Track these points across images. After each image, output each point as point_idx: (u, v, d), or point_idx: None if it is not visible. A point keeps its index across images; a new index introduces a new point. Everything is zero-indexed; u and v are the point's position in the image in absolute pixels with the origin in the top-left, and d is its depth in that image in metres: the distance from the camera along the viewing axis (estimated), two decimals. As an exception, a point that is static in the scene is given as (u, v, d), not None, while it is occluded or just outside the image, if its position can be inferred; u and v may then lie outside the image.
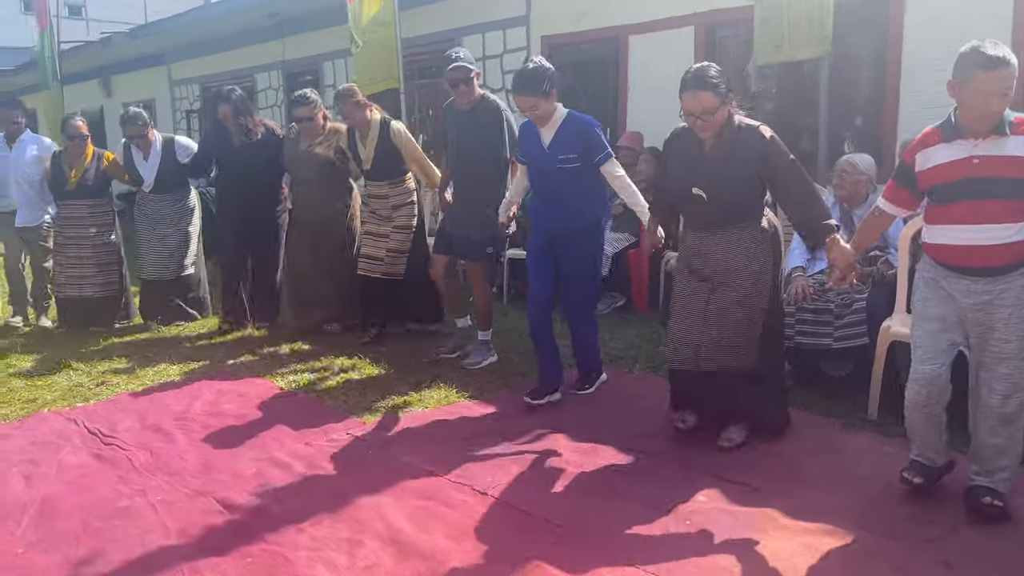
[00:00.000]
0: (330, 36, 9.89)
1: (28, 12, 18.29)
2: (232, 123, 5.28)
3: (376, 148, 4.90)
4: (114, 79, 14.42)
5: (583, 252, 3.87)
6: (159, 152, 5.64)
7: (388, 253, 4.98)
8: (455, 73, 4.22)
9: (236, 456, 3.46)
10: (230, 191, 5.53)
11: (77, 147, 5.59)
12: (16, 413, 4.09)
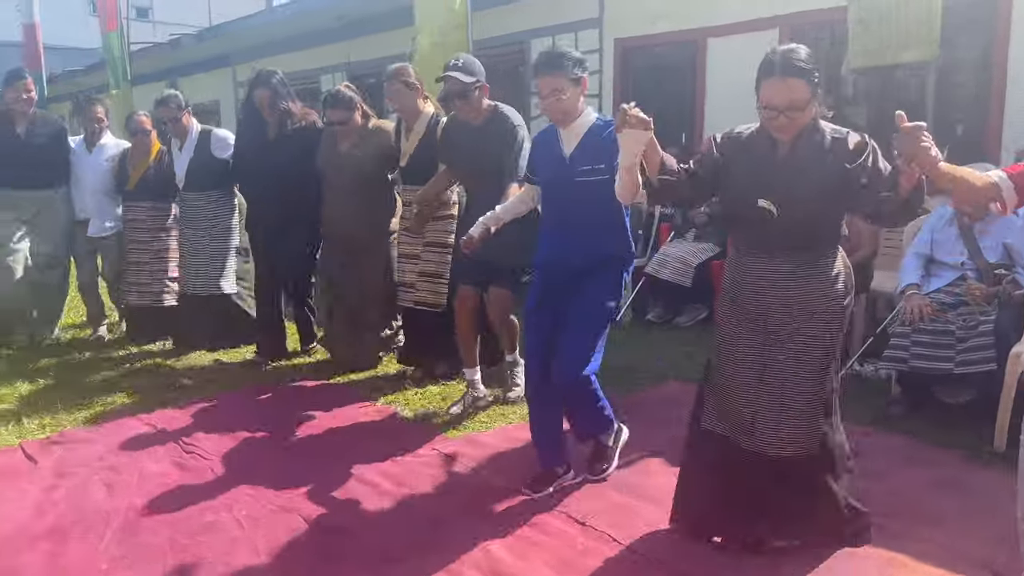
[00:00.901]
0: (397, 38, 9.82)
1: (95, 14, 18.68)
2: (269, 111, 4.58)
3: (419, 144, 4.16)
4: (181, 80, 14.59)
5: (594, 293, 3.02)
6: (194, 143, 5.01)
7: (421, 278, 4.24)
8: (448, 85, 3.72)
9: (319, 470, 3.33)
10: (261, 194, 4.78)
11: (141, 144, 5.20)
12: (95, 417, 4.03)
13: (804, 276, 2.44)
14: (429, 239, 4.22)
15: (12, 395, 4.34)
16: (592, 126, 3.03)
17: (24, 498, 3.15)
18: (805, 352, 2.43)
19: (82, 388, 4.50)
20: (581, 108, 3.03)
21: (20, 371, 4.78)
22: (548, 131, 3.15)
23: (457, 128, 3.87)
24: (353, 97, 4.34)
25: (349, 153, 4.40)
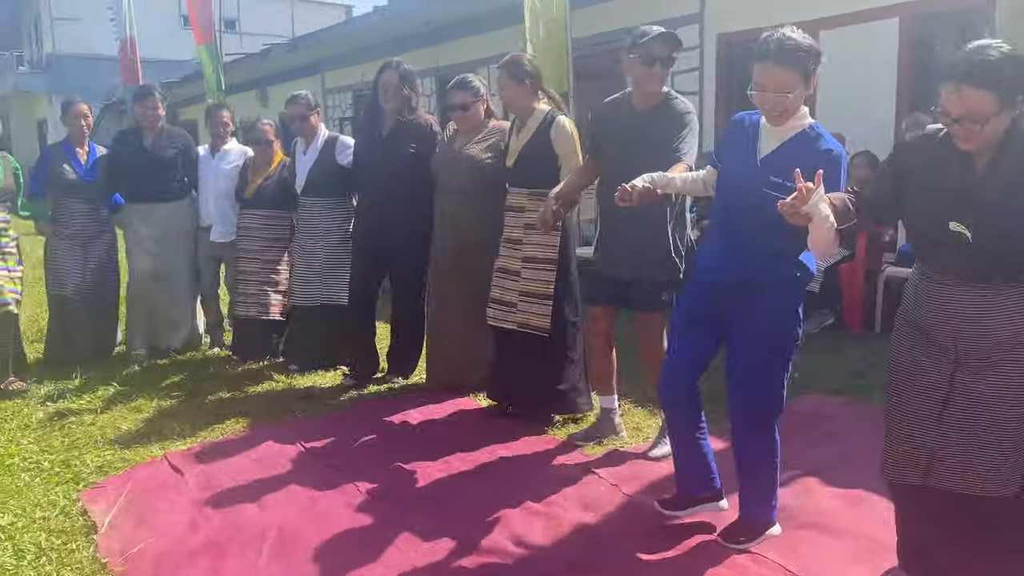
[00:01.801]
0: (485, 42, 9.84)
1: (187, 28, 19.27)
2: (392, 96, 4.39)
3: (528, 144, 3.79)
4: (270, 89, 14.94)
5: (768, 312, 2.62)
6: (319, 149, 4.88)
7: (523, 298, 3.83)
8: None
9: (467, 489, 3.26)
10: (366, 198, 4.63)
11: (263, 153, 5.19)
12: (231, 427, 4.08)
13: (1008, 306, 2.12)
14: (530, 253, 3.82)
15: (149, 405, 4.43)
16: (800, 132, 2.54)
17: (175, 510, 3.18)
18: (1009, 385, 2.13)
19: (214, 399, 4.56)
20: (804, 110, 2.56)
21: (152, 381, 4.88)
22: (745, 120, 2.68)
23: (614, 115, 3.42)
24: (481, 87, 4.17)
25: (463, 151, 4.18)
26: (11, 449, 3.83)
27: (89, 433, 4.02)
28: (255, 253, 5.20)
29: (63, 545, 2.91)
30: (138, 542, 2.91)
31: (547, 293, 3.78)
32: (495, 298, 3.97)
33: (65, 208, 5.29)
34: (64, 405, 4.46)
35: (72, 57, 22.08)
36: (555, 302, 3.79)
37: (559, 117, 3.79)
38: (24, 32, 27.08)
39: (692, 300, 2.82)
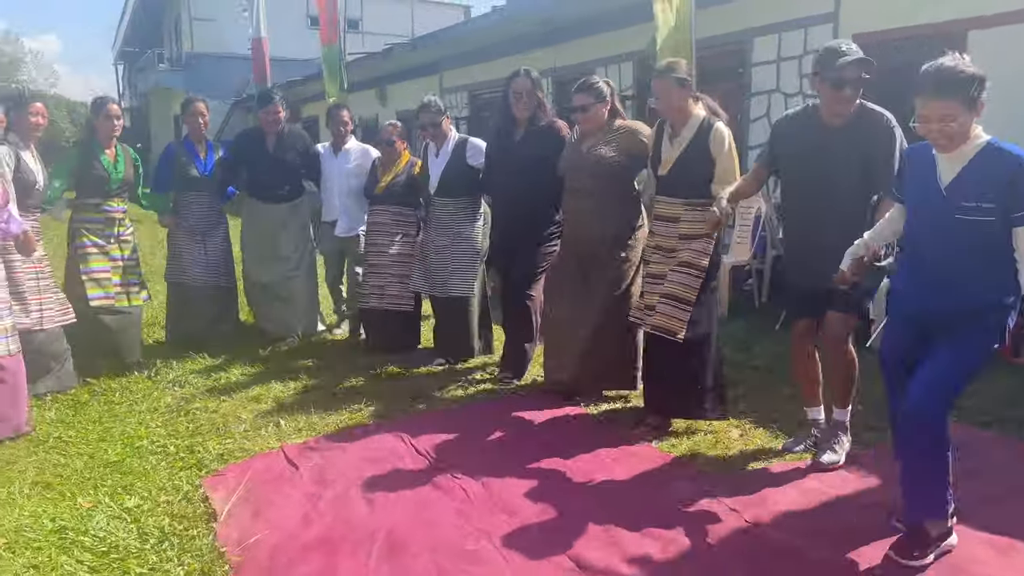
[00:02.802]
0: (604, 42, 9.70)
1: (313, 27, 19.94)
2: (525, 101, 4.47)
3: (685, 151, 3.72)
4: (389, 88, 15.27)
5: (968, 337, 2.57)
6: (450, 151, 5.06)
7: (662, 299, 3.75)
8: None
9: (573, 500, 3.18)
10: (497, 200, 4.83)
11: (390, 153, 5.42)
12: (344, 422, 4.13)
13: None
14: (683, 259, 3.76)
15: (268, 395, 4.56)
16: (979, 151, 2.51)
17: (289, 504, 3.23)
18: None
19: (329, 391, 4.65)
20: (974, 131, 2.52)
21: (272, 371, 5.03)
22: (921, 149, 2.66)
23: (799, 131, 3.37)
24: (604, 89, 4.15)
25: (590, 152, 4.16)
26: (141, 432, 4.01)
27: (212, 420, 4.17)
28: (384, 247, 5.40)
29: (184, 531, 2.99)
30: (254, 533, 2.96)
31: (688, 298, 3.73)
32: (640, 303, 4.00)
33: (185, 202, 5.64)
34: (189, 391, 4.66)
35: (207, 56, 23.29)
36: (694, 309, 3.72)
37: (717, 124, 3.72)
38: (165, 32, 28.81)
39: (892, 338, 2.85)
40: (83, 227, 4.93)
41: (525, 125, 4.55)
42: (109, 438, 3.92)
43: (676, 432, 3.88)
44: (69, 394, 4.55)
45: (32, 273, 4.39)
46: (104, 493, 3.28)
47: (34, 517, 3.04)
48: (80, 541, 2.88)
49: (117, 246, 5.04)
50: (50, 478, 3.43)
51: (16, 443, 3.82)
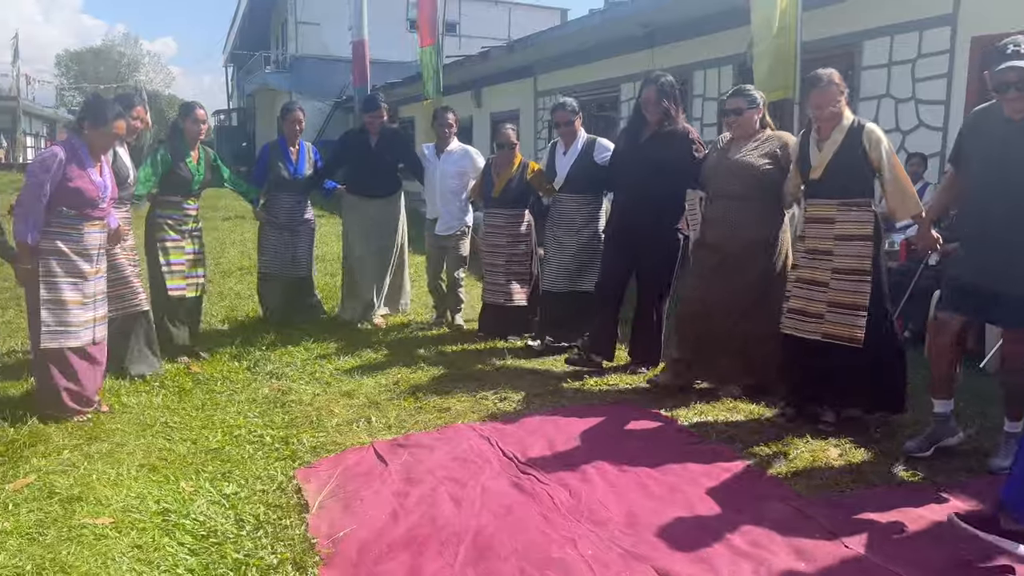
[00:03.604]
0: (703, 45, 9.52)
1: (412, 31, 20.36)
2: (653, 108, 4.68)
3: (837, 153, 3.81)
4: (484, 91, 15.41)
5: None
6: (579, 149, 5.37)
7: (831, 308, 3.86)
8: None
9: (661, 513, 3.11)
10: (621, 198, 5.04)
11: (506, 156, 5.65)
12: (433, 421, 4.18)
13: None
14: (842, 265, 3.84)
15: (360, 391, 4.65)
16: None
17: (378, 500, 3.27)
18: None
19: (419, 390, 4.71)
20: None
21: (365, 368, 5.14)
22: None
23: (983, 124, 3.38)
24: (757, 96, 4.35)
25: (737, 159, 4.33)
26: (239, 421, 4.16)
27: (306, 413, 4.28)
28: (502, 248, 5.69)
29: (278, 520, 3.08)
30: (344, 527, 3.02)
31: (862, 304, 3.80)
32: (797, 309, 4.01)
33: (276, 200, 6.02)
34: (286, 384, 4.80)
35: (310, 58, 24.07)
36: (874, 314, 3.80)
37: (868, 124, 3.83)
38: (272, 35, 29.94)
39: None
40: (164, 222, 5.19)
41: (653, 128, 4.77)
42: (211, 425, 4.08)
43: (771, 449, 3.75)
44: (175, 381, 4.76)
45: (133, 260, 4.70)
46: (205, 479, 3.41)
47: (140, 498, 3.18)
48: (181, 524, 3.00)
49: (190, 241, 5.29)
50: (156, 461, 3.59)
51: (126, 427, 4.02)
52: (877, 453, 3.66)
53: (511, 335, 5.77)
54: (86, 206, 4.02)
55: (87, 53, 58.25)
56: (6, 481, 3.31)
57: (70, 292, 4.01)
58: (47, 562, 2.68)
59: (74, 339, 4.04)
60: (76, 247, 4.03)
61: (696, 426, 4.08)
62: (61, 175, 3.90)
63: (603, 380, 4.91)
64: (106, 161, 4.23)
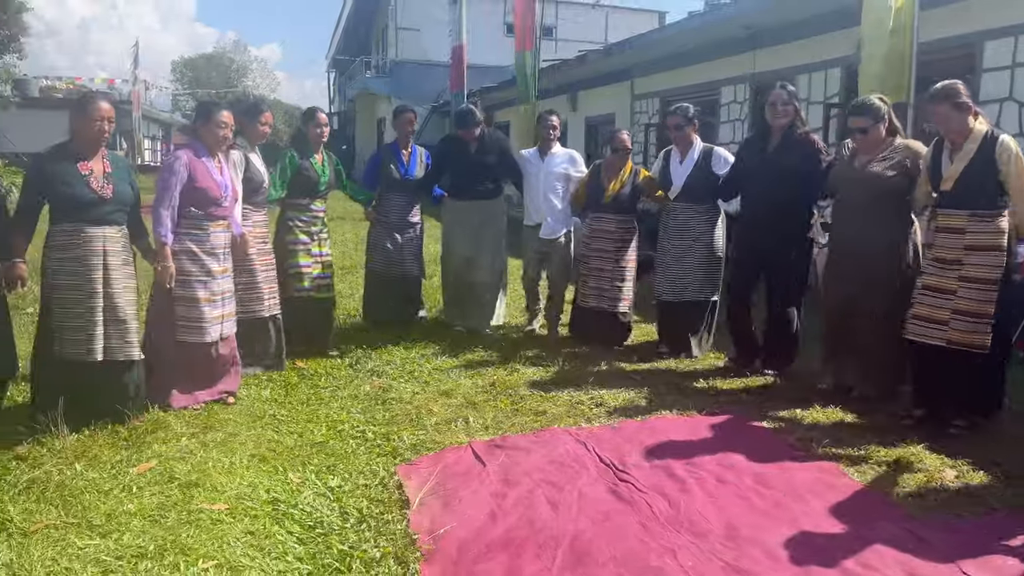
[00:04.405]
0: (808, 47, 9.22)
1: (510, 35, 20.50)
2: (780, 113, 4.76)
3: (969, 164, 3.82)
4: (580, 94, 15.39)
5: None
6: (695, 158, 5.37)
7: (956, 315, 3.87)
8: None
9: (763, 527, 3.04)
10: (751, 205, 5.02)
11: (618, 161, 5.61)
12: (529, 424, 4.20)
13: None
14: (970, 274, 3.85)
15: (457, 391, 4.73)
16: None
17: (476, 499, 3.32)
18: None
19: (516, 391, 4.75)
20: None
21: (463, 369, 5.22)
22: None
23: None
24: (881, 108, 4.30)
25: (865, 169, 4.34)
26: (343, 416, 4.29)
27: (406, 411, 4.38)
28: (610, 254, 5.68)
29: (380, 514, 3.16)
30: (443, 524, 3.07)
31: (987, 312, 3.82)
32: (921, 315, 4.02)
33: (387, 200, 6.13)
34: (386, 382, 4.92)
35: (410, 63, 24.58)
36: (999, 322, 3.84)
37: (1002, 136, 3.81)
38: (373, 40, 30.75)
39: None
40: (294, 224, 5.36)
41: (780, 135, 4.79)
42: (315, 419, 4.23)
43: (882, 467, 3.60)
44: (281, 375, 4.95)
45: (266, 264, 4.88)
46: (311, 471, 3.54)
47: (252, 487, 3.33)
48: (290, 514, 3.12)
49: (317, 243, 5.44)
50: (265, 452, 3.74)
51: (238, 417, 4.21)
52: (998, 475, 3.46)
53: (610, 342, 5.72)
54: (210, 205, 4.25)
55: (200, 59, 61.28)
56: (130, 464, 3.52)
57: (200, 290, 4.24)
58: (168, 543, 2.83)
59: (205, 335, 4.27)
60: (204, 247, 4.26)
61: (802, 439, 3.96)
62: (187, 176, 4.13)
63: (708, 385, 4.90)
64: (225, 162, 4.44)
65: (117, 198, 3.93)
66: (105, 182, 3.90)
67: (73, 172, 3.82)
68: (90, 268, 3.84)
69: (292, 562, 2.78)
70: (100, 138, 3.90)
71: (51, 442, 3.68)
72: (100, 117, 3.85)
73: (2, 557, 2.72)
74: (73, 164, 3.83)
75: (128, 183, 4.04)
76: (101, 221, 3.88)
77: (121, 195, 3.96)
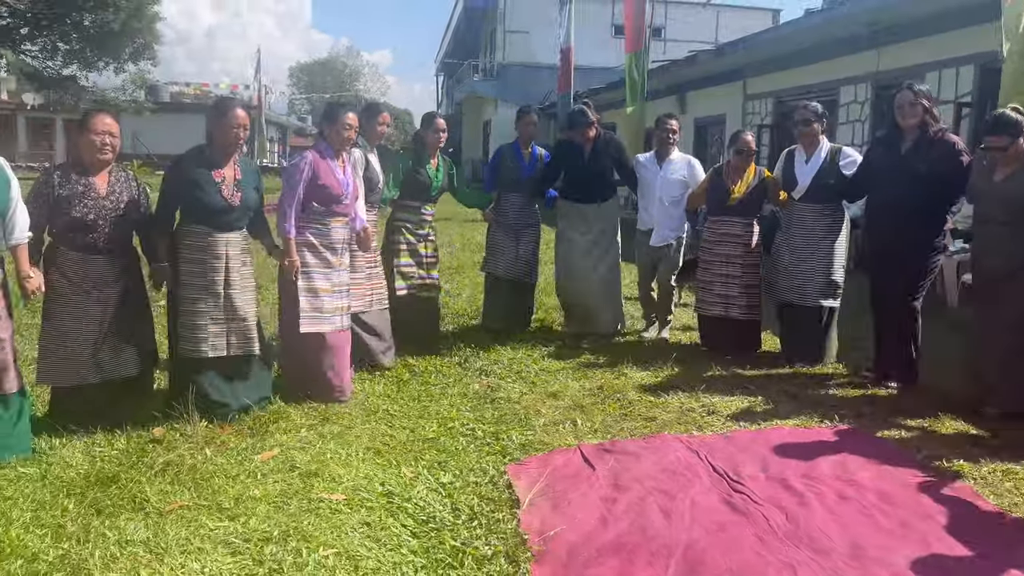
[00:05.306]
0: (937, 44, 8.74)
1: (617, 36, 20.38)
2: (909, 113, 4.54)
3: None
4: (689, 95, 15.12)
5: None
6: (822, 158, 5.18)
7: None
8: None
9: (892, 549, 2.89)
10: (884, 210, 4.77)
11: (743, 162, 5.47)
12: (639, 429, 4.15)
13: None
14: None
15: (565, 393, 4.72)
16: None
17: (586, 503, 3.30)
18: None
19: (626, 394, 4.71)
20: None
21: (570, 371, 5.21)
22: None
23: None
24: (1021, 122, 4.04)
25: (1003, 184, 4.16)
26: (453, 413, 4.35)
27: (514, 411, 4.41)
28: (737, 258, 5.53)
29: (491, 513, 3.18)
30: (553, 526, 3.07)
31: None
32: None
33: (506, 201, 6.11)
34: (495, 381, 4.96)
35: (517, 66, 24.81)
36: None
37: None
38: (481, 44, 31.18)
39: None
40: (403, 225, 5.48)
41: (914, 135, 4.58)
42: (426, 416, 4.31)
43: (1020, 491, 3.37)
44: (393, 372, 5.08)
45: (369, 263, 5.00)
46: (423, 466, 3.61)
47: (367, 479, 3.42)
48: (404, 507, 3.18)
49: (424, 244, 5.54)
50: (379, 446, 3.84)
51: (352, 412, 4.34)
52: None
53: (740, 350, 5.53)
54: (332, 202, 4.41)
55: (315, 65, 63.77)
56: (254, 452, 3.69)
57: (322, 281, 4.42)
58: (291, 529, 2.94)
59: (328, 324, 4.44)
60: (325, 240, 4.43)
61: (930, 456, 3.76)
62: (311, 175, 4.30)
63: (826, 395, 4.73)
64: (348, 162, 4.59)
65: (244, 205, 4.11)
66: (235, 189, 4.07)
67: (207, 179, 4.00)
68: (213, 270, 4.03)
69: (406, 555, 2.84)
70: (235, 144, 4.09)
71: (183, 428, 3.90)
72: (237, 124, 4.03)
73: (140, 534, 2.90)
74: (208, 171, 4.02)
75: (255, 188, 4.23)
76: (226, 227, 4.06)
77: (247, 201, 4.13)
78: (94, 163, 3.84)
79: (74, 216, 3.74)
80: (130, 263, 4.02)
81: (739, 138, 5.51)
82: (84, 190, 3.77)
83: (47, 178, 3.78)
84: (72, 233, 3.78)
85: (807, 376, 5.14)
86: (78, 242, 3.80)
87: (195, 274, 4.03)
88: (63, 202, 3.72)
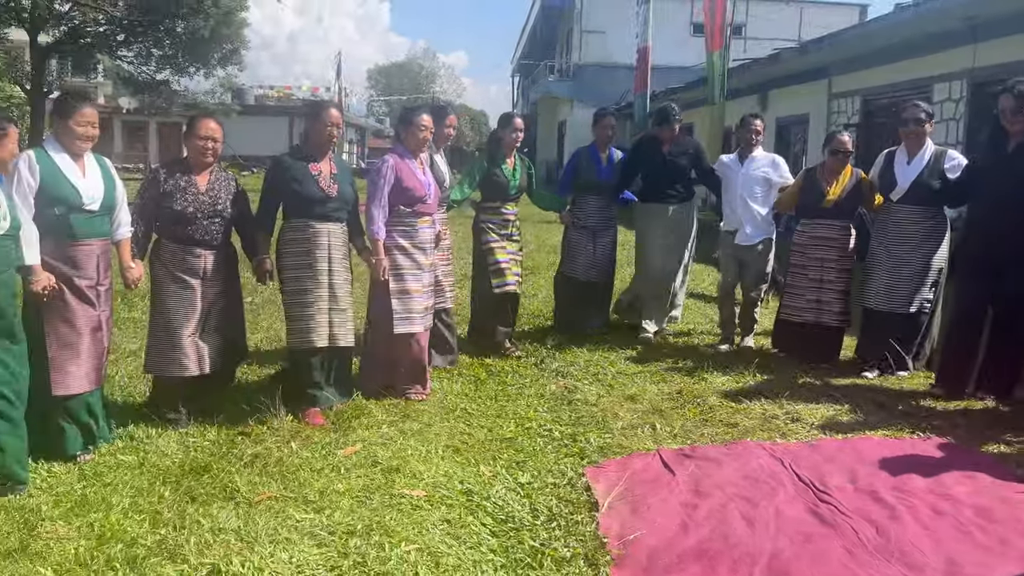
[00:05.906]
0: (1043, 37, 8.32)
1: (696, 35, 20.08)
2: (1011, 118, 4.35)
3: None
4: (771, 94, 14.76)
5: None
6: (926, 159, 4.99)
7: None
8: None
9: (991, 566, 2.76)
10: (981, 214, 4.61)
11: (839, 163, 5.30)
12: (719, 435, 4.08)
13: None
14: None
15: (643, 396, 4.68)
16: None
17: (666, 508, 3.25)
18: None
19: (706, 398, 4.65)
20: None
21: (648, 374, 5.16)
22: None
23: None
24: None
25: None
26: (530, 414, 4.36)
27: (591, 413, 4.39)
28: (832, 262, 5.37)
29: (570, 514, 3.18)
30: (633, 530, 3.04)
31: None
32: None
33: (583, 203, 6.12)
34: (571, 383, 4.95)
35: (593, 66, 24.68)
36: None
37: None
38: (557, 44, 31.15)
39: None
40: (487, 225, 5.53)
41: (1018, 138, 4.39)
42: (504, 415, 4.33)
43: None
44: (471, 371, 5.12)
45: (444, 260, 5.11)
46: (501, 465, 3.63)
47: (447, 476, 3.46)
48: (483, 506, 3.21)
49: (510, 242, 5.57)
50: (458, 444, 3.88)
51: (432, 409, 4.39)
52: None
53: (822, 358, 5.37)
54: (416, 202, 4.51)
55: (392, 67, 64.87)
56: (338, 446, 3.78)
57: (413, 282, 4.52)
58: (374, 524, 3.00)
59: (419, 324, 4.55)
60: (413, 241, 4.54)
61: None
62: (394, 178, 4.40)
63: (918, 405, 4.56)
64: (426, 163, 4.68)
65: (341, 196, 4.28)
66: (332, 182, 4.25)
67: (304, 171, 4.20)
68: (317, 260, 4.18)
69: (486, 553, 2.86)
70: (329, 141, 4.29)
71: (270, 421, 4.02)
72: (331, 123, 4.24)
73: (232, 523, 3.00)
74: (305, 165, 4.22)
75: (349, 183, 4.39)
76: (326, 218, 4.22)
77: (344, 194, 4.30)
78: (198, 163, 4.06)
79: (175, 209, 3.95)
80: (227, 258, 4.18)
81: (835, 138, 5.34)
82: (185, 186, 3.98)
83: (154, 176, 4.04)
84: (173, 226, 3.99)
85: (895, 385, 4.95)
86: (178, 234, 4.00)
87: (301, 267, 4.20)
88: (166, 197, 3.95)
